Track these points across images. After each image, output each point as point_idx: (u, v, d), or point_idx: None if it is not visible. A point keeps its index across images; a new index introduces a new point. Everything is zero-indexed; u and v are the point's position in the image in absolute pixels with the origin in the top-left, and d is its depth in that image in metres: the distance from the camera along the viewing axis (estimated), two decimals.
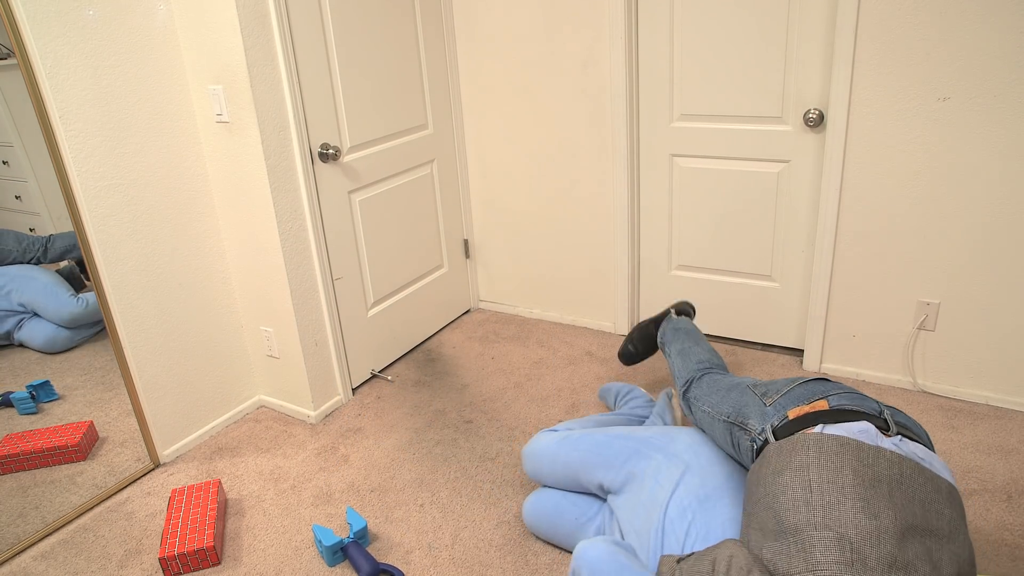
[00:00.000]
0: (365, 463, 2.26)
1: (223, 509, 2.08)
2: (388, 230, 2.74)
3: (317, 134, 2.35)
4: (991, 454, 2.08)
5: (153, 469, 2.32)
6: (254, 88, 2.10)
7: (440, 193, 2.98)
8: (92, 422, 2.14)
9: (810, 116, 2.32)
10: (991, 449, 2.10)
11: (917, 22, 2.05)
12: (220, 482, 2.11)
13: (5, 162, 1.90)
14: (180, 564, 1.85)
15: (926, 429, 2.21)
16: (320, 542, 1.85)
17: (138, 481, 2.26)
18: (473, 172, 3.09)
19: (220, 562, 1.90)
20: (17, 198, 1.92)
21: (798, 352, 2.71)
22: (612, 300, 2.96)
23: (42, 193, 1.95)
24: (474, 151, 3.05)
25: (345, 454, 2.32)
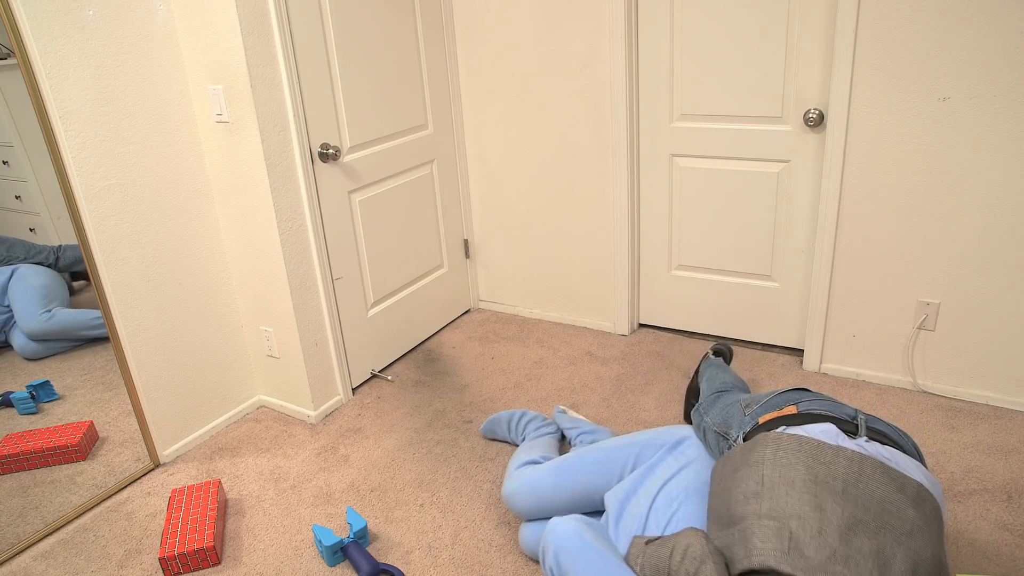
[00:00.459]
0: (365, 463, 2.26)
1: (223, 509, 2.08)
2: (388, 230, 2.74)
3: (317, 134, 2.35)
4: (991, 454, 2.08)
5: (153, 469, 2.32)
6: (254, 88, 2.10)
7: (440, 193, 2.98)
8: (92, 422, 2.14)
9: (810, 116, 2.32)
10: (991, 449, 2.10)
11: (917, 22, 2.05)
12: (220, 482, 2.11)
13: (5, 162, 1.90)
14: (180, 564, 1.85)
15: (926, 429, 2.21)
16: (320, 542, 1.85)
17: (138, 481, 2.26)
18: (473, 172, 3.09)
19: (220, 562, 1.90)
20: (17, 198, 1.92)
21: (798, 352, 2.71)
22: (612, 300, 2.96)
23: (42, 193, 1.95)
24: (474, 151, 3.05)
25: (345, 454, 2.32)
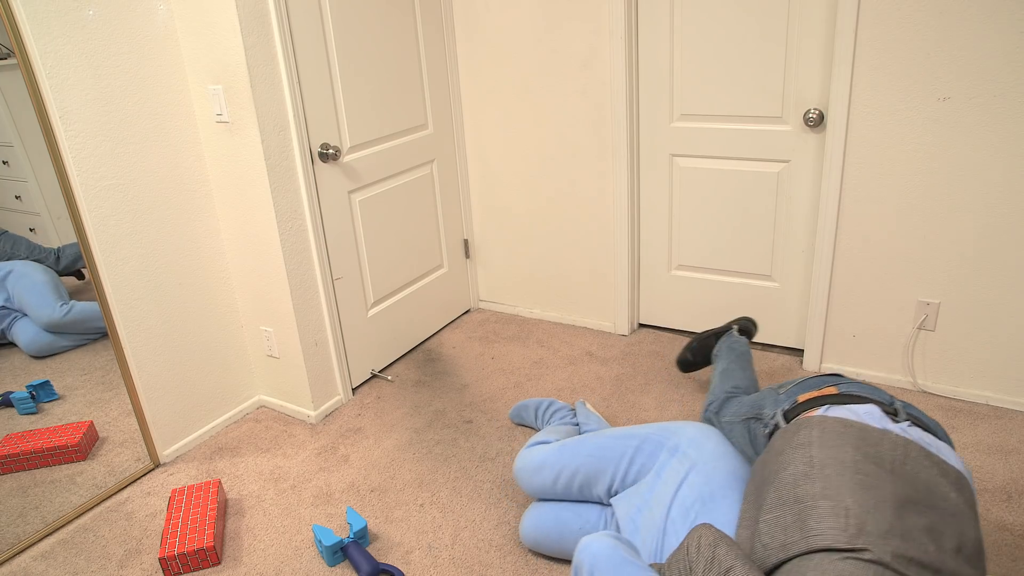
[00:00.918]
0: (365, 463, 2.26)
1: (223, 509, 2.08)
2: (388, 230, 2.74)
3: (317, 134, 2.35)
4: (991, 454, 2.08)
5: (153, 469, 2.32)
6: (254, 88, 2.10)
7: (440, 193, 2.98)
8: (92, 422, 2.14)
9: (810, 116, 2.32)
10: (991, 449, 2.10)
11: (917, 22, 2.05)
12: (220, 482, 2.11)
13: (5, 162, 1.90)
14: (180, 564, 1.85)
15: None
16: (320, 542, 1.85)
17: (138, 481, 2.26)
18: (473, 172, 3.09)
19: (220, 562, 1.90)
20: (17, 198, 1.92)
21: (798, 352, 2.71)
22: (612, 300, 2.96)
23: (42, 193, 1.95)
24: (474, 151, 3.05)
25: (345, 454, 2.32)
